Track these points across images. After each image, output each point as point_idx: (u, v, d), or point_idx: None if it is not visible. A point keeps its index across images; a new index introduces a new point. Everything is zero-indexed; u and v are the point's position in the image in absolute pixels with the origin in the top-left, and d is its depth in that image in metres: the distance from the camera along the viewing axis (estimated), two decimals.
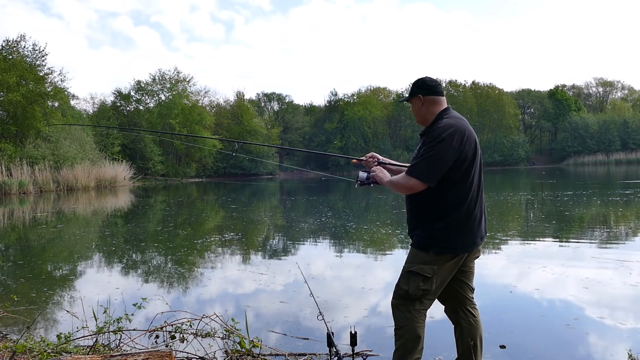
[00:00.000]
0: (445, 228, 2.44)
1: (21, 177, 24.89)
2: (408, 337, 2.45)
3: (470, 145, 2.44)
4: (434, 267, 2.45)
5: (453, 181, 2.42)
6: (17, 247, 9.18)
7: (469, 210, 2.45)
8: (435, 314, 4.21)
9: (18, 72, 28.80)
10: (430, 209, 2.48)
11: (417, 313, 2.48)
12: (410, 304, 2.48)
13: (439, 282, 2.48)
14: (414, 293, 2.46)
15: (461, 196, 2.44)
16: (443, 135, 2.38)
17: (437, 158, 2.38)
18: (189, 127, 46.81)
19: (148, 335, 3.52)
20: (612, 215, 10.83)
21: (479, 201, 2.53)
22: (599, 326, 3.84)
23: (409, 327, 2.46)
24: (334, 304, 4.61)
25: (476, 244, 2.52)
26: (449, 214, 2.44)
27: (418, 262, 2.49)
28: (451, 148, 2.37)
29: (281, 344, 3.58)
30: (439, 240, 2.45)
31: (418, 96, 2.61)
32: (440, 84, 2.65)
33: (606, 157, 56.96)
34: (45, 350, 3.16)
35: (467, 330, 2.62)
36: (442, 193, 2.44)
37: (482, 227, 2.56)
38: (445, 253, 2.45)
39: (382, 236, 8.96)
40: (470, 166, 2.44)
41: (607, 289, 4.81)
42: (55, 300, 5.16)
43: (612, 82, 72.69)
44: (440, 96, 2.60)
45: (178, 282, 5.85)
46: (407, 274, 2.51)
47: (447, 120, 2.48)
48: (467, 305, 2.65)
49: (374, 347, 3.47)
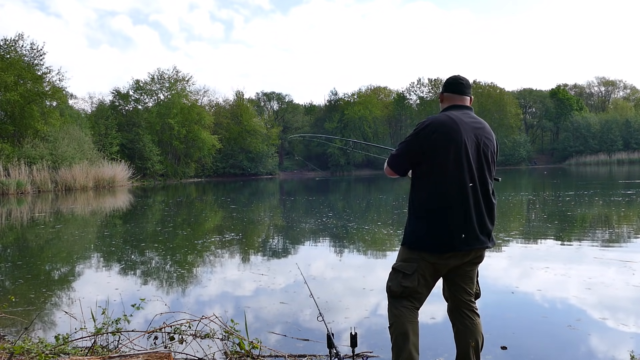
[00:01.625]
0: (417, 224, 2.45)
1: (19, 177, 24.86)
2: (397, 334, 2.42)
3: (446, 138, 2.38)
4: (413, 265, 2.45)
5: (425, 175, 2.44)
6: (15, 248, 9.15)
7: (445, 208, 2.38)
8: (437, 315, 4.19)
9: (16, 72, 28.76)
10: (410, 203, 2.54)
11: (404, 309, 2.45)
12: (397, 301, 2.48)
13: (422, 279, 2.46)
14: (396, 290, 2.47)
15: (435, 192, 2.40)
16: (415, 128, 2.49)
17: (403, 148, 2.50)
18: (187, 127, 46.80)
19: (147, 337, 3.49)
20: (614, 215, 10.80)
21: (467, 201, 2.39)
22: (602, 327, 3.81)
23: (397, 324, 2.44)
24: (335, 304, 4.59)
25: (455, 247, 2.38)
26: (422, 209, 2.44)
27: (400, 259, 2.53)
28: (416, 140, 2.44)
29: (281, 345, 3.56)
30: (410, 235, 2.48)
31: (441, 92, 2.68)
32: (461, 82, 2.61)
33: (608, 157, 56.91)
34: (43, 352, 3.13)
35: (462, 333, 2.57)
36: (415, 187, 2.50)
37: (471, 230, 2.40)
38: (417, 250, 2.45)
39: (384, 236, 8.93)
40: (444, 161, 2.38)
41: (610, 290, 4.78)
42: (54, 301, 5.13)
43: (614, 82, 72.56)
44: (455, 94, 2.59)
45: (177, 283, 5.82)
46: (392, 271, 2.55)
47: (433, 115, 2.52)
48: (463, 308, 2.59)
49: (374, 349, 3.44)
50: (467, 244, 2.41)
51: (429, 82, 63.12)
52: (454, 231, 2.39)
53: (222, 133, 51.80)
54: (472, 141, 2.45)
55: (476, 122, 2.54)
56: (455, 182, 2.39)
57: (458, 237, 2.39)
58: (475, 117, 2.57)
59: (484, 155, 2.49)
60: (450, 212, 2.39)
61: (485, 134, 2.53)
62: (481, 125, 2.54)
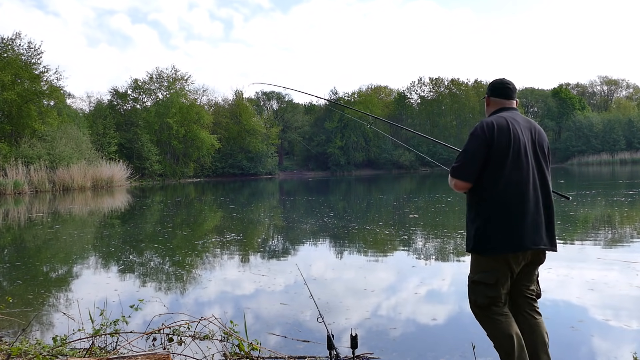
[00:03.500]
0: (483, 228, 2.40)
1: (16, 177, 24.79)
2: (501, 341, 2.39)
3: (505, 139, 2.37)
4: (494, 274, 2.40)
5: (487, 177, 2.40)
6: (13, 248, 9.10)
7: (510, 209, 2.36)
8: (438, 316, 4.17)
9: (13, 71, 28.66)
10: (472, 207, 2.48)
11: (498, 316, 2.41)
12: (486, 311, 2.44)
13: (504, 284, 2.43)
14: (483, 302, 2.43)
15: (499, 193, 2.38)
16: (473, 131, 2.44)
17: (468, 154, 2.43)
18: (186, 127, 46.70)
19: (145, 338, 3.46)
20: (617, 215, 10.75)
21: (532, 201, 2.39)
22: (604, 328, 3.79)
23: (496, 333, 2.41)
24: (336, 305, 4.55)
25: (523, 246, 2.37)
26: (487, 212, 2.40)
27: (476, 269, 2.48)
28: (480, 142, 2.39)
29: (281, 347, 3.53)
30: (479, 241, 2.42)
31: (486, 96, 2.67)
32: (508, 87, 2.60)
33: (611, 156, 56.51)
34: (40, 353, 3.11)
35: (527, 333, 2.49)
36: (477, 190, 2.45)
37: (537, 229, 2.40)
38: (490, 255, 2.40)
39: (385, 237, 8.90)
40: (506, 161, 2.37)
41: (613, 291, 4.76)
42: (52, 302, 5.10)
43: (616, 81, 72.05)
44: (501, 98, 2.60)
45: (176, 284, 5.79)
46: (471, 284, 2.50)
47: (485, 119, 2.50)
48: (525, 308, 2.54)
49: (375, 350, 3.41)
50: (534, 243, 2.40)
51: (430, 81, 63.01)
52: (522, 231, 2.37)
53: (221, 133, 51.71)
54: (530, 140, 2.47)
55: (527, 120, 2.55)
56: (518, 182, 2.39)
57: (527, 237, 2.38)
58: (525, 117, 2.58)
59: (541, 153, 2.50)
60: (516, 212, 2.37)
61: (538, 131, 2.54)
62: (533, 124, 2.55)
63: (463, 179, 2.45)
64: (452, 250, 7.25)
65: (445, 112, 61.98)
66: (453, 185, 2.52)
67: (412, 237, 8.59)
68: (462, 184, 2.47)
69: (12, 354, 3.01)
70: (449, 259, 6.78)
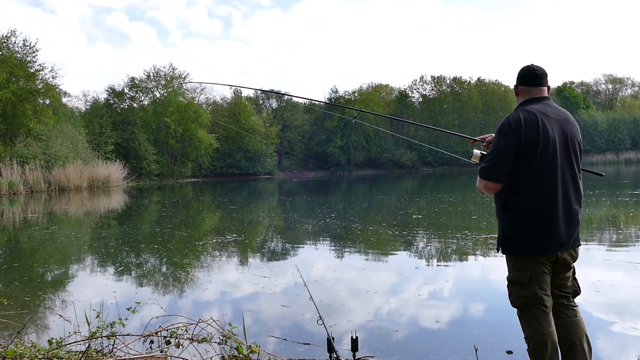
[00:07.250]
0: (515, 228, 2.35)
1: (11, 177, 24.63)
2: (535, 346, 2.33)
3: (534, 136, 2.27)
4: (527, 273, 2.35)
5: (517, 176, 2.32)
6: (8, 250, 9.02)
7: (542, 208, 2.30)
8: (440, 318, 4.12)
9: (8, 69, 28.40)
10: (503, 207, 2.41)
11: (536, 319, 2.34)
12: (526, 312, 2.38)
13: (540, 283, 2.35)
14: (519, 302, 2.38)
15: (530, 192, 2.31)
16: (499, 129, 2.35)
17: (497, 154, 2.33)
18: (184, 126, 46.55)
19: (142, 341, 3.41)
20: (622, 216, 10.68)
21: (562, 199, 2.32)
22: (610, 330, 3.75)
23: (533, 336, 2.34)
24: (337, 307, 4.50)
25: (558, 245, 2.32)
26: (519, 212, 2.34)
27: (511, 269, 2.44)
28: (509, 139, 2.29)
29: (280, 349, 3.48)
30: (512, 242, 2.36)
31: (515, 86, 2.53)
32: (535, 72, 2.44)
33: (616, 156, 56.18)
34: (36, 356, 3.07)
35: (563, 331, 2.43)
36: (508, 190, 2.36)
37: (570, 227, 2.35)
38: (524, 255, 2.35)
39: (388, 237, 8.84)
40: (535, 158, 2.28)
41: (619, 292, 4.73)
42: (47, 304, 5.04)
43: (621, 79, 71.09)
44: (529, 86, 2.44)
45: (174, 286, 5.73)
46: (508, 284, 2.45)
47: (511, 114, 2.39)
48: (561, 307, 2.47)
49: (376, 353, 3.37)
50: (562, 245, 2.35)
51: (432, 80, 62.83)
52: (550, 233, 2.31)
53: (220, 132, 51.57)
54: (560, 135, 2.35)
55: (559, 113, 2.41)
56: (549, 180, 2.31)
57: (554, 239, 2.32)
58: (557, 107, 2.44)
59: (572, 148, 2.39)
60: (548, 211, 2.31)
61: (571, 125, 2.41)
62: (565, 116, 2.42)
63: (494, 180, 2.35)
64: (456, 252, 7.20)
65: (447, 111, 61.74)
66: (483, 186, 2.40)
67: (415, 238, 8.54)
68: (492, 185, 2.37)
69: (7, 357, 2.97)
70: (452, 260, 6.73)
